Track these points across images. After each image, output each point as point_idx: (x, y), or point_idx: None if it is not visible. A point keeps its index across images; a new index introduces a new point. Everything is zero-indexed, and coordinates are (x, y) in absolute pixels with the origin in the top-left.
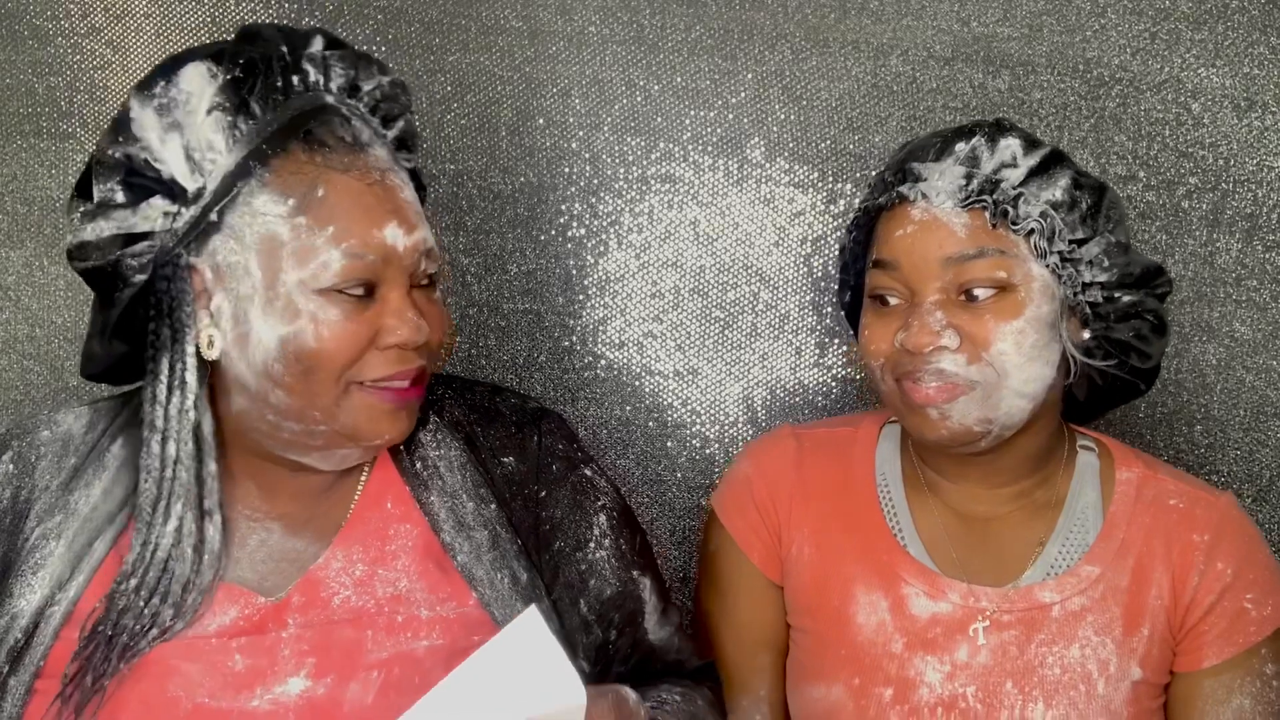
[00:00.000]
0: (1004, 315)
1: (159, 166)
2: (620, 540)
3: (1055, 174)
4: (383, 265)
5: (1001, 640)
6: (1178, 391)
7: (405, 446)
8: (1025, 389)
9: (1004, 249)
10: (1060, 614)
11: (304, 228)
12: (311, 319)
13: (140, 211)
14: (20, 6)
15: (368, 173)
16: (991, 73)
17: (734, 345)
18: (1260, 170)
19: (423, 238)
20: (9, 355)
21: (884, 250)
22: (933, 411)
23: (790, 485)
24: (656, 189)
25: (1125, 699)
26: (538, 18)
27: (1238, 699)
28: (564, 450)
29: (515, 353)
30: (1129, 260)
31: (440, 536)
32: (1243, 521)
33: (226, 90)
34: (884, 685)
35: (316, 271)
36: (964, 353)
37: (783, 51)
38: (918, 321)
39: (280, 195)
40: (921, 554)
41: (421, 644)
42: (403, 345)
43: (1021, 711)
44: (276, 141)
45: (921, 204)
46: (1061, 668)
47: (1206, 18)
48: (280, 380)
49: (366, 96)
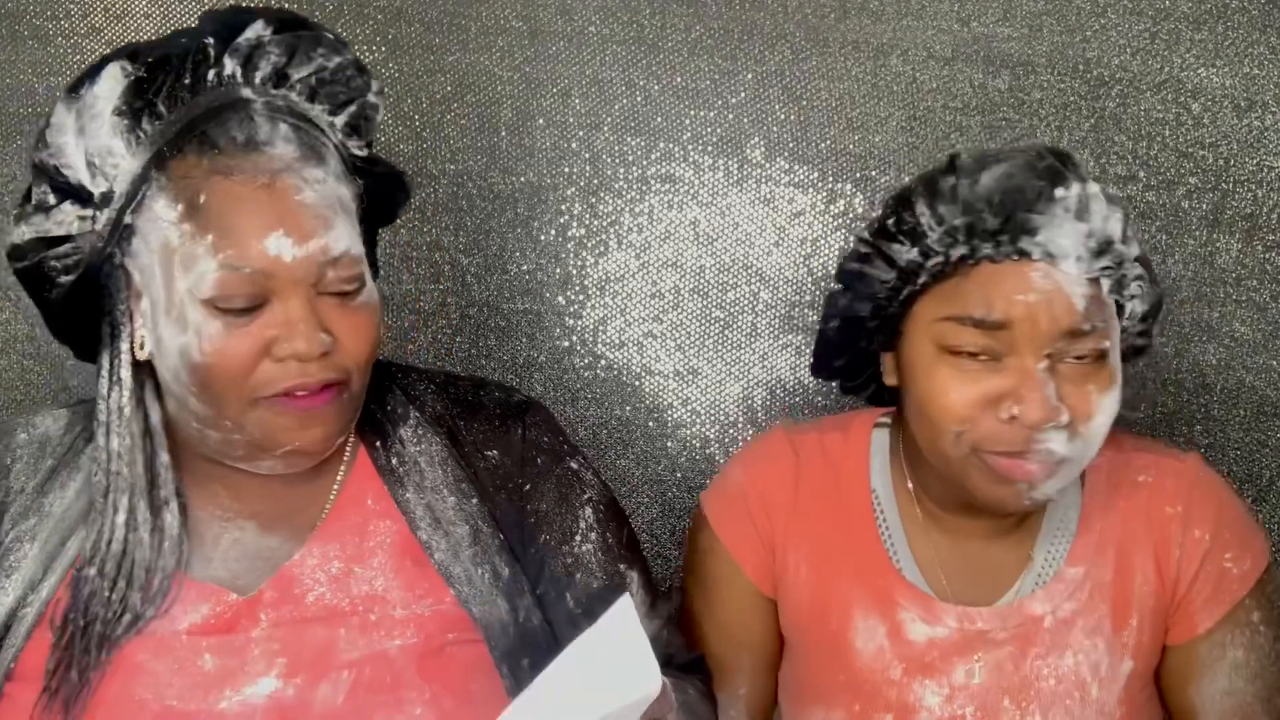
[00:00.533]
0: (1103, 386)
1: (67, 173)
2: (607, 533)
3: (1123, 220)
4: (265, 278)
5: (997, 658)
6: (1178, 391)
7: (382, 443)
8: (1095, 453)
9: (1107, 319)
10: (1052, 624)
11: (188, 235)
12: (196, 331)
13: (54, 217)
14: (20, 7)
15: (254, 176)
16: (991, 73)
17: (734, 345)
18: (1260, 170)
19: (323, 245)
20: (9, 355)
21: (993, 314)
22: (1022, 485)
23: (787, 502)
24: (656, 189)
25: (1118, 698)
26: (538, 18)
27: (1231, 652)
28: (549, 443)
29: (515, 353)
30: (1156, 291)
31: (417, 534)
32: (1211, 482)
33: (129, 92)
34: (884, 711)
35: (196, 281)
36: (1065, 430)
37: (783, 51)
38: (1037, 395)
39: (172, 200)
40: (917, 578)
41: (395, 643)
42: (296, 358)
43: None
44: (175, 144)
45: (1044, 265)
46: (1056, 678)
47: (1206, 18)
48: (189, 389)
49: (299, 84)
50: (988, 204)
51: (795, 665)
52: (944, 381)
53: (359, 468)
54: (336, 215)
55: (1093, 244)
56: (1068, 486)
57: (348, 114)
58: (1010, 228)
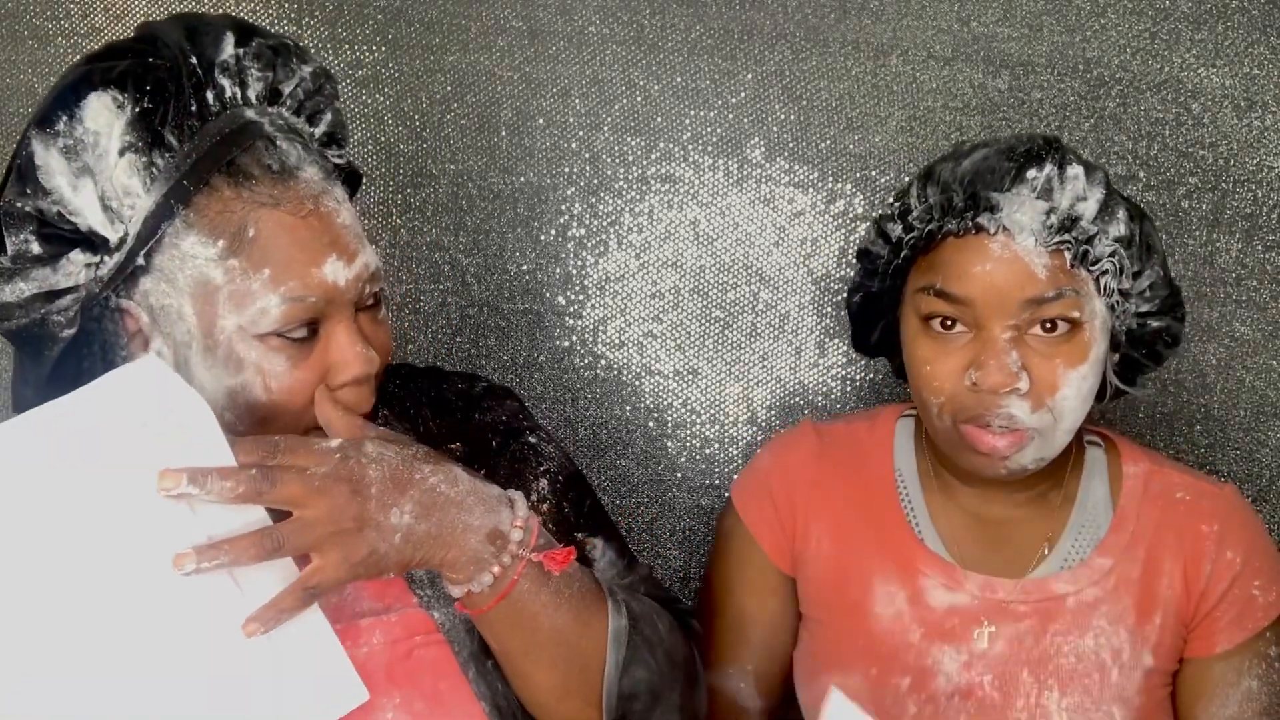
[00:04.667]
0: (1073, 359)
1: (74, 219)
2: (564, 503)
3: (1114, 205)
4: (325, 304)
5: (1018, 630)
6: (1178, 391)
7: None
8: (1073, 427)
9: (1078, 289)
10: (1075, 605)
11: (238, 270)
12: (258, 370)
13: (61, 269)
14: (20, 7)
15: (300, 204)
16: (991, 73)
17: (734, 345)
18: (1260, 170)
19: (364, 264)
20: (9, 355)
21: (955, 284)
22: (996, 457)
23: (809, 479)
24: (656, 189)
25: (1138, 687)
26: (538, 18)
27: (1246, 681)
28: (504, 423)
29: (515, 353)
30: (1170, 290)
31: None
32: (1247, 510)
33: (137, 126)
34: (901, 675)
35: (255, 318)
36: (1028, 400)
37: (783, 51)
38: (995, 361)
39: (209, 236)
40: (939, 547)
41: (361, 650)
42: (355, 383)
43: (1037, 699)
44: (197, 175)
45: (1001, 238)
46: (1076, 656)
47: (1206, 18)
48: (234, 428)
49: (289, 99)
50: (960, 184)
51: (813, 637)
52: (924, 352)
53: None
54: (360, 233)
55: (1053, 221)
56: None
57: (325, 123)
58: (974, 205)
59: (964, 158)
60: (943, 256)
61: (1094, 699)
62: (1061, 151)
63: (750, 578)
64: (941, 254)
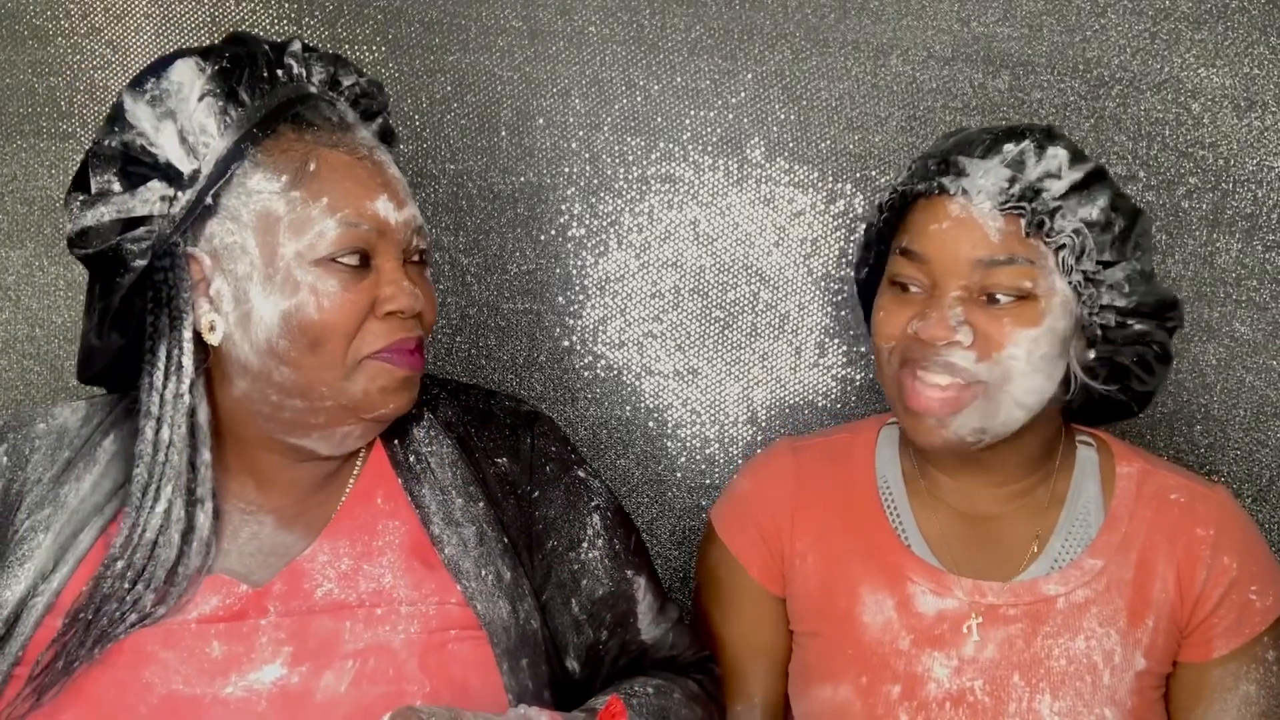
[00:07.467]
0: (1022, 322)
1: (155, 151)
2: (614, 540)
3: (1095, 192)
4: (376, 236)
5: (1008, 634)
6: (1178, 391)
7: (399, 439)
8: (1025, 399)
9: (1033, 259)
10: (1065, 606)
11: (299, 200)
12: (312, 291)
13: (139, 195)
14: (20, 6)
15: (356, 148)
16: (991, 73)
17: (734, 345)
18: (1260, 170)
19: (413, 214)
20: (9, 355)
21: (915, 241)
22: (930, 420)
23: (789, 497)
24: (656, 189)
25: (1130, 689)
26: (538, 18)
27: (1244, 686)
28: (557, 452)
29: (515, 353)
30: (1149, 290)
31: (429, 529)
32: (1241, 515)
33: (216, 79)
34: (891, 683)
35: (313, 241)
36: (975, 350)
37: (783, 51)
38: (936, 313)
39: (274, 173)
40: (926, 553)
41: (399, 636)
42: (401, 312)
43: (1029, 703)
44: (266, 124)
45: (960, 200)
46: (1068, 659)
47: (1206, 18)
48: (285, 356)
49: (347, 91)
50: (940, 152)
51: (805, 650)
52: (886, 306)
53: (371, 466)
54: (409, 192)
55: (1015, 190)
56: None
57: (378, 124)
58: (940, 168)
59: (955, 135)
60: (912, 217)
61: (1086, 702)
62: (1051, 136)
63: (744, 609)
64: (912, 215)
